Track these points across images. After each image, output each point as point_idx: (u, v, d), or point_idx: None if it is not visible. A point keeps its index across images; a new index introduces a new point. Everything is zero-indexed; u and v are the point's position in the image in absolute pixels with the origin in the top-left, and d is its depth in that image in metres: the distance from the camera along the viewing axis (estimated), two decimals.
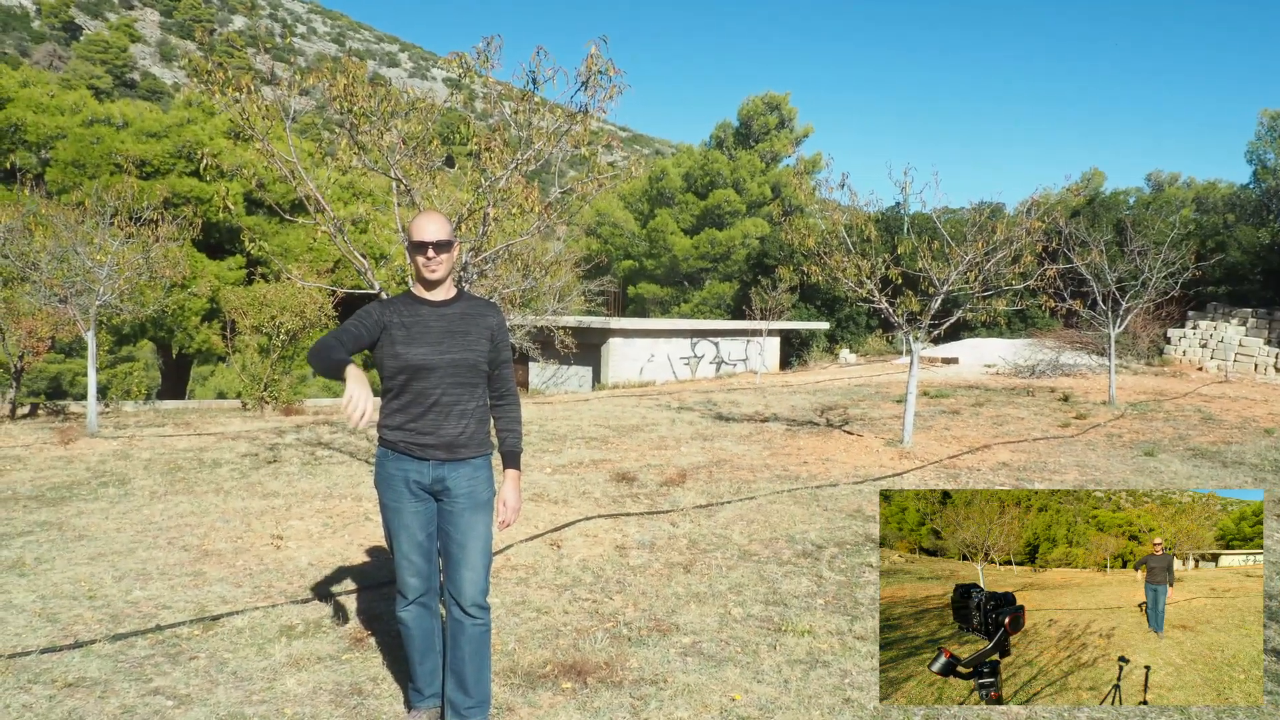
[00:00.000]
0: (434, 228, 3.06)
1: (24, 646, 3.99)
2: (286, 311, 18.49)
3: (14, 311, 14.46)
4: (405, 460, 3.11)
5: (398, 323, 3.07)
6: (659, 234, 38.34)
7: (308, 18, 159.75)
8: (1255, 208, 27.15)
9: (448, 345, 3.08)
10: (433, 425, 3.08)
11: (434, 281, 3.11)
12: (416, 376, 3.05)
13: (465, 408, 3.12)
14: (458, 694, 3.14)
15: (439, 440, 3.09)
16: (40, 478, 8.11)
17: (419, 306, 3.12)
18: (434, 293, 3.16)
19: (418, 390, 3.07)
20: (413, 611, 3.20)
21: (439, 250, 3.07)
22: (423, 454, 3.09)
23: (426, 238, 3.05)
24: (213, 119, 27.13)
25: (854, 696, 3.57)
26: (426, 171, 6.61)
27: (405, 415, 3.09)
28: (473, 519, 3.13)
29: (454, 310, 3.15)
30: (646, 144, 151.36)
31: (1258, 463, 9.21)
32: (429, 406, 3.08)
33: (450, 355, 3.07)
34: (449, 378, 3.08)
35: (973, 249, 9.68)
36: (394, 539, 3.17)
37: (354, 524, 6.39)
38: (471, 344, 3.12)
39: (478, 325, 3.16)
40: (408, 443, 3.09)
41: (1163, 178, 51.33)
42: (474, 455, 3.16)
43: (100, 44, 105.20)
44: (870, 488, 7.75)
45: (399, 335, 3.05)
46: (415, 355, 3.04)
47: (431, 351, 3.05)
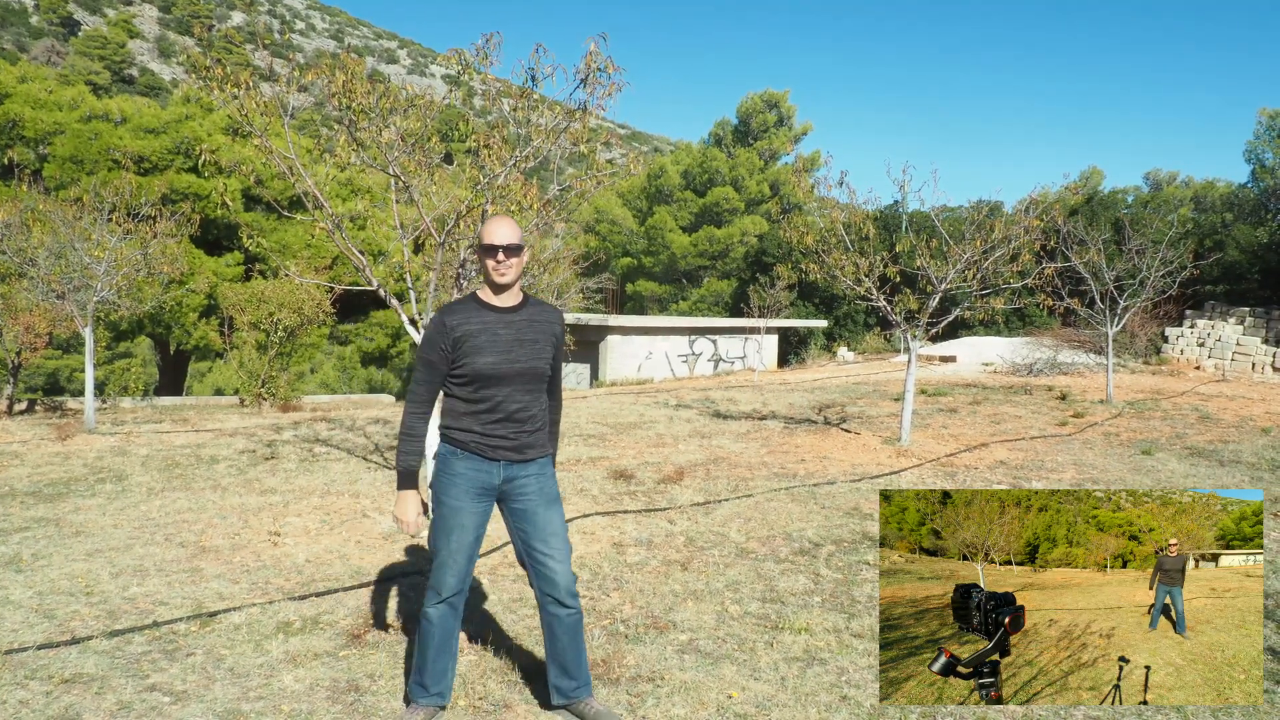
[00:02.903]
0: (505, 231, 3.09)
1: (21, 642, 3.98)
2: (284, 308, 18.49)
3: (11, 307, 14.43)
4: (475, 460, 3.16)
5: (467, 331, 3.09)
6: (657, 231, 38.33)
7: (306, 14, 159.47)
8: (1253, 207, 27.16)
9: (516, 354, 3.12)
10: (502, 429, 3.14)
11: (503, 285, 3.13)
12: (486, 384, 3.10)
13: (532, 411, 3.20)
14: (563, 680, 3.25)
15: (509, 443, 3.15)
16: (37, 474, 8.09)
17: (486, 313, 3.14)
18: (502, 297, 3.17)
19: (487, 396, 3.12)
20: (441, 610, 3.21)
21: (509, 254, 3.09)
22: (494, 454, 3.15)
23: (497, 241, 3.08)
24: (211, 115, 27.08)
25: (851, 694, 3.57)
26: (425, 168, 6.59)
27: (475, 420, 3.14)
28: (549, 513, 3.21)
29: (521, 317, 3.17)
30: (645, 141, 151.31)
31: (1255, 461, 9.22)
32: (499, 412, 3.14)
33: (519, 364, 3.12)
34: (518, 384, 3.14)
35: (971, 247, 9.67)
36: (443, 537, 3.17)
37: (351, 520, 6.38)
38: (539, 351, 3.18)
39: (544, 332, 3.21)
40: (479, 444, 3.14)
41: (1161, 176, 51.36)
42: (539, 455, 3.25)
43: (98, 39, 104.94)
44: (868, 486, 7.75)
45: (468, 346, 3.08)
46: (485, 365, 3.08)
47: (501, 360, 3.09)
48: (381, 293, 6.61)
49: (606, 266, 37.86)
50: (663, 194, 39.58)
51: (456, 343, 3.08)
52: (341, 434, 10.71)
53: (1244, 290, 24.57)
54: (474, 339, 3.08)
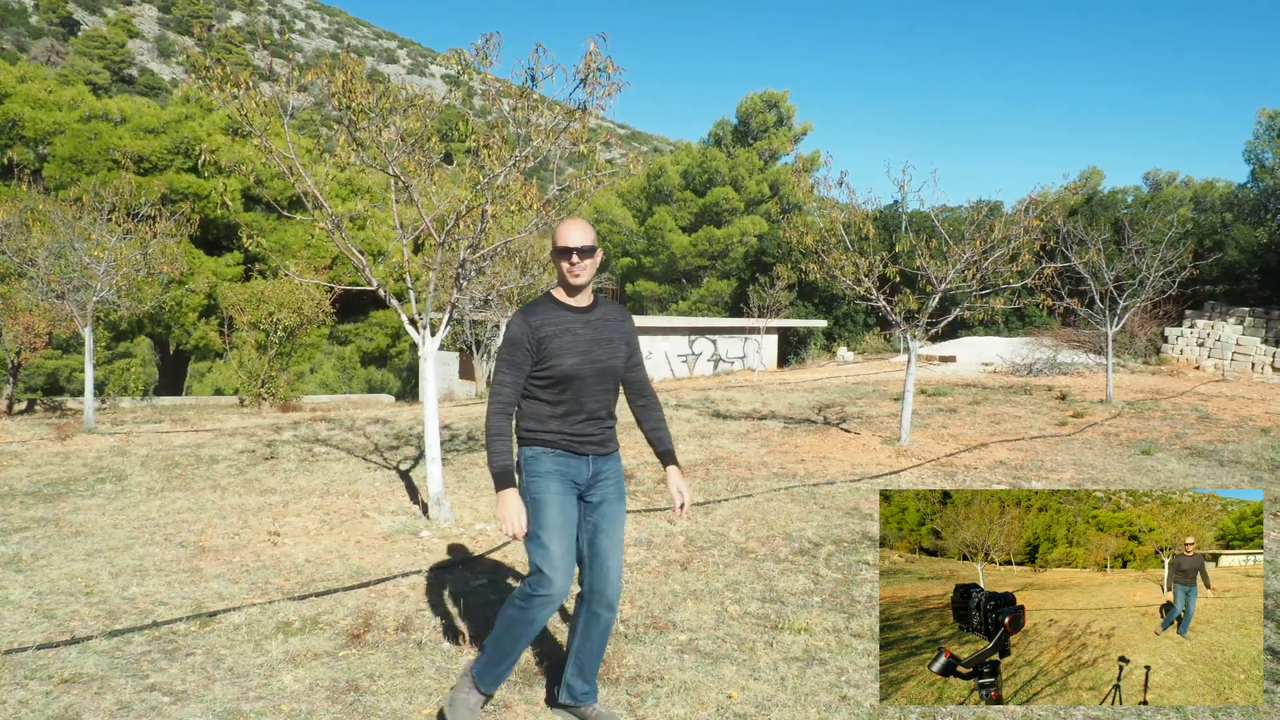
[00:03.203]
0: (579, 234, 3.13)
1: (20, 642, 3.98)
2: (284, 308, 18.50)
3: (11, 307, 14.44)
4: (566, 457, 3.20)
5: (549, 333, 3.14)
6: (657, 231, 38.33)
7: (306, 14, 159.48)
8: (1253, 207, 27.16)
9: (596, 353, 3.19)
10: (585, 427, 3.20)
11: (577, 287, 3.18)
12: (569, 384, 3.16)
13: (611, 409, 3.29)
14: (578, 681, 3.28)
15: (595, 439, 3.23)
16: (37, 473, 8.09)
17: (564, 313, 3.20)
18: (577, 298, 3.23)
19: (570, 395, 3.18)
20: (549, 611, 3.11)
21: (583, 255, 3.14)
22: (582, 449, 3.20)
23: (572, 243, 3.12)
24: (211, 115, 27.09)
25: (850, 694, 3.57)
26: (425, 168, 6.58)
27: (562, 421, 3.19)
28: (618, 508, 3.27)
29: (596, 317, 3.24)
30: (645, 141, 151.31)
31: (1254, 461, 9.22)
32: (582, 410, 3.20)
33: (599, 363, 3.19)
34: (597, 383, 3.20)
35: (971, 247, 9.67)
36: (553, 534, 3.10)
37: (351, 520, 6.38)
38: (615, 350, 3.26)
39: (617, 331, 3.29)
40: (568, 440, 3.19)
41: (1161, 176, 51.34)
42: (615, 450, 3.33)
43: (98, 39, 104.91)
44: (867, 486, 7.75)
45: (552, 346, 3.13)
46: (569, 365, 3.13)
47: (583, 361, 3.16)
48: (381, 293, 6.61)
49: (606, 266, 37.87)
50: (662, 194, 39.58)
51: (540, 343, 3.13)
52: (341, 434, 10.71)
53: (1244, 290, 24.56)
54: (556, 339, 3.14)
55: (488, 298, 17.16)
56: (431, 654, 3.93)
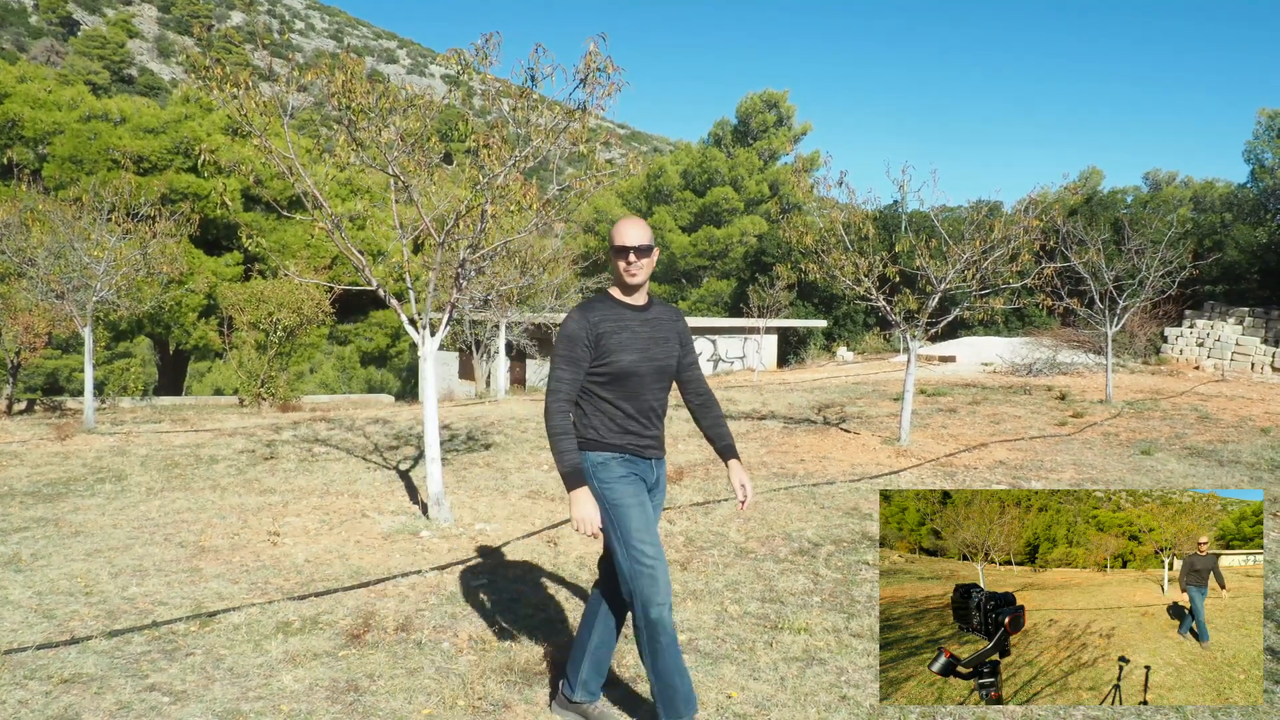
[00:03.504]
0: (635, 233, 3.13)
1: (20, 642, 3.98)
2: (284, 308, 18.50)
3: (11, 307, 14.44)
4: (635, 461, 3.19)
5: (607, 329, 3.13)
6: (657, 231, 38.32)
7: (305, 14, 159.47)
8: (1253, 207, 27.18)
9: (654, 351, 3.19)
10: (646, 427, 3.20)
11: (634, 285, 3.18)
12: (628, 381, 3.14)
13: (664, 409, 3.29)
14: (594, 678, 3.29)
15: (654, 440, 3.23)
16: (37, 473, 8.09)
17: (622, 310, 3.19)
18: (634, 297, 3.23)
19: (629, 394, 3.16)
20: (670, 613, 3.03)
21: (640, 254, 3.13)
22: (646, 454, 3.20)
23: (629, 242, 3.11)
24: (210, 115, 27.09)
25: (850, 694, 3.57)
26: (424, 168, 6.58)
27: (628, 421, 3.18)
28: (660, 512, 3.27)
29: (652, 315, 3.24)
30: (645, 141, 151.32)
31: (1254, 461, 9.22)
32: (643, 409, 3.19)
33: (656, 361, 3.19)
34: (654, 382, 3.20)
35: (970, 247, 9.67)
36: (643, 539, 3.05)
37: (351, 520, 6.38)
38: (670, 349, 3.26)
39: (672, 330, 3.29)
40: (635, 445, 3.18)
41: (1161, 176, 51.37)
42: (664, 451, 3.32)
43: (98, 39, 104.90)
44: (867, 486, 7.75)
45: (611, 343, 3.11)
46: (627, 361, 3.12)
47: (641, 358, 3.15)
48: (381, 293, 6.61)
49: (606, 266, 37.83)
50: (662, 194, 39.59)
51: (599, 339, 3.11)
52: (341, 434, 10.71)
53: (1243, 290, 24.57)
54: (615, 335, 3.12)
55: (487, 298, 17.16)
56: (431, 654, 3.93)
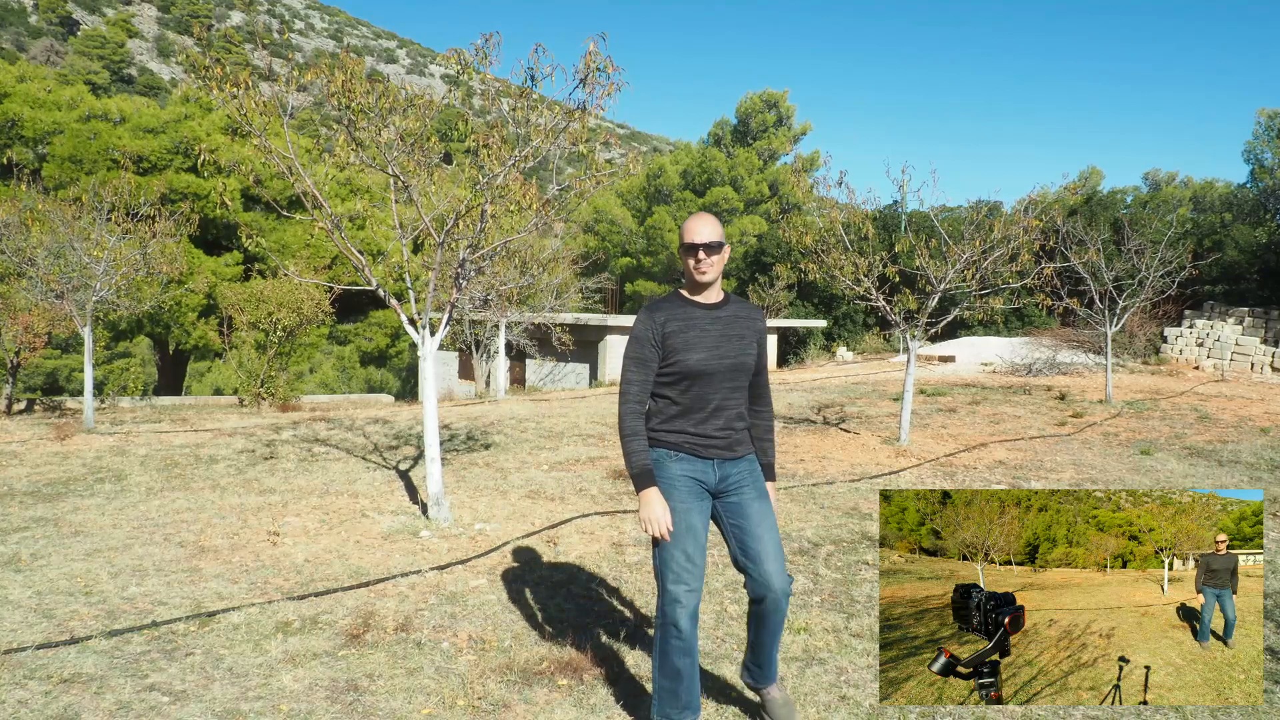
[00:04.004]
0: (705, 230, 3.09)
1: (20, 642, 3.98)
2: (283, 308, 18.50)
3: (10, 307, 14.44)
4: (690, 460, 3.14)
5: (674, 329, 3.09)
6: (656, 231, 38.32)
7: (305, 13, 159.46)
8: (1252, 207, 27.18)
9: (725, 349, 3.12)
10: (713, 427, 3.13)
11: (704, 283, 3.14)
12: (696, 381, 3.10)
13: (740, 409, 3.20)
14: (754, 665, 3.25)
15: (722, 441, 3.14)
16: (36, 473, 8.08)
17: (691, 309, 3.14)
18: (704, 295, 3.18)
19: (697, 393, 3.11)
20: (689, 621, 3.05)
21: (710, 252, 3.08)
22: (706, 453, 3.13)
23: (698, 240, 3.07)
24: (210, 115, 27.08)
25: (850, 694, 3.57)
26: (424, 168, 6.58)
27: (686, 419, 3.13)
28: (763, 506, 3.16)
29: (726, 313, 3.18)
30: (644, 141, 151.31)
31: (1253, 461, 9.22)
32: (709, 409, 3.13)
33: (727, 360, 3.12)
34: (726, 381, 3.13)
35: (970, 247, 9.68)
36: (676, 542, 3.04)
37: (350, 520, 6.38)
38: (745, 348, 3.17)
39: (749, 328, 3.20)
40: (692, 443, 3.13)
41: (1160, 176, 51.34)
42: (748, 452, 3.23)
43: (97, 39, 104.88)
44: (867, 486, 7.75)
45: (677, 342, 3.08)
46: (695, 361, 3.07)
47: (710, 356, 3.09)
48: (380, 293, 6.61)
49: (605, 266, 37.84)
50: (662, 194, 39.58)
51: (665, 338, 3.08)
52: (340, 434, 10.71)
53: (1243, 290, 24.57)
54: (682, 334, 3.08)
55: (487, 298, 17.16)
56: (430, 654, 3.93)
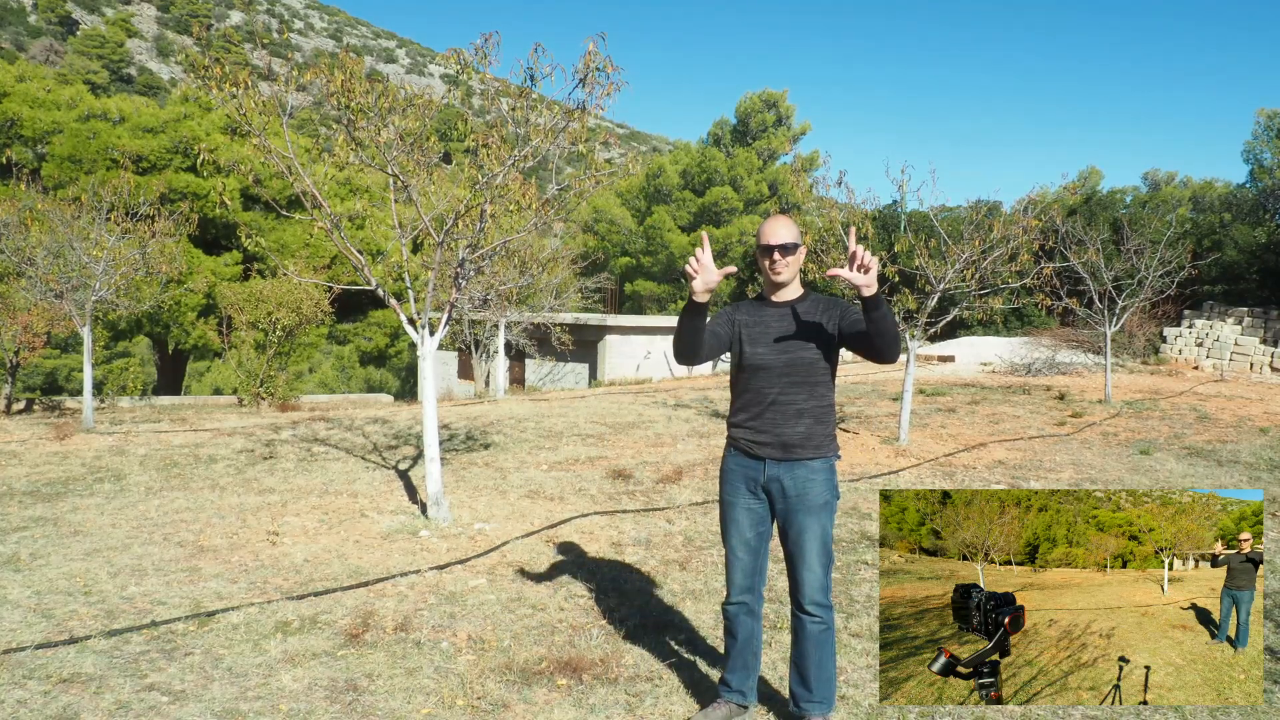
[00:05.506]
0: (781, 231, 3.13)
1: (19, 642, 3.97)
2: (283, 307, 18.49)
3: (10, 306, 14.43)
4: (743, 458, 3.22)
5: (744, 321, 3.20)
6: (656, 231, 38.33)
7: (305, 13, 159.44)
8: (1252, 207, 27.17)
9: (786, 345, 3.14)
10: (770, 424, 3.16)
11: (779, 284, 3.19)
12: (756, 376, 3.17)
13: (802, 407, 3.16)
14: (799, 687, 3.22)
15: (775, 439, 3.15)
16: (36, 473, 8.08)
17: (764, 308, 3.23)
18: (779, 294, 3.23)
19: (756, 388, 3.18)
20: (734, 611, 3.27)
21: (784, 253, 3.13)
22: (758, 452, 3.18)
23: (773, 241, 3.13)
24: (209, 114, 27.05)
25: (850, 694, 3.57)
26: (424, 168, 6.57)
27: (746, 413, 3.21)
28: (805, 520, 3.13)
29: (801, 308, 3.20)
30: (644, 141, 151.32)
31: (1253, 461, 9.23)
32: (766, 405, 3.16)
33: (787, 355, 3.13)
34: (785, 377, 3.15)
35: (969, 247, 9.67)
36: (723, 533, 3.30)
37: (350, 520, 6.37)
38: (821, 338, 3.15)
39: (824, 317, 3.16)
40: (747, 440, 3.20)
41: (1160, 176, 51.34)
42: (811, 457, 3.15)
43: (97, 39, 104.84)
44: (866, 485, 7.75)
45: (745, 335, 3.18)
46: (754, 355, 3.15)
47: (769, 351, 3.14)
48: (380, 292, 6.60)
49: (605, 266, 37.82)
50: (661, 194, 39.58)
51: (737, 327, 3.21)
52: (340, 433, 10.70)
53: (1242, 290, 24.57)
54: (749, 329, 3.18)
55: (486, 297, 17.15)
56: (430, 654, 3.93)
